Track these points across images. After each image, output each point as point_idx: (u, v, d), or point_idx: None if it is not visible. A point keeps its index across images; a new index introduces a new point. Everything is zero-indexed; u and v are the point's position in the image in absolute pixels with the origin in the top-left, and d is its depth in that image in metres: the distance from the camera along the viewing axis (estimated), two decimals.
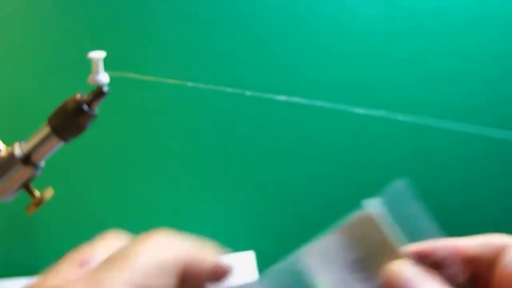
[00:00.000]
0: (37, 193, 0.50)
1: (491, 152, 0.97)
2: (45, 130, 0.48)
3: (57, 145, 0.48)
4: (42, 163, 0.50)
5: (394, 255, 0.26)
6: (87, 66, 0.46)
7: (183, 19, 0.88)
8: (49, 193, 0.51)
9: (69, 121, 0.47)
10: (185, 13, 0.88)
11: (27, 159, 0.49)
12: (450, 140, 0.96)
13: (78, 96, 0.47)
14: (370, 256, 0.26)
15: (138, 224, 0.96)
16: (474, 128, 0.87)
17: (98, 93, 0.47)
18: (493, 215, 1.00)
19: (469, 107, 0.94)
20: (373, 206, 0.27)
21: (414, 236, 0.27)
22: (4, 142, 0.50)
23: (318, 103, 0.47)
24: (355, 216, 0.27)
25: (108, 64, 0.46)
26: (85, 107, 0.46)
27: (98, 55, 0.46)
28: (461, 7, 0.91)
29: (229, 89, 0.49)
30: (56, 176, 0.74)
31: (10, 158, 0.48)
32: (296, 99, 0.48)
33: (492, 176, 0.98)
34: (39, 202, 0.50)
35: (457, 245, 0.27)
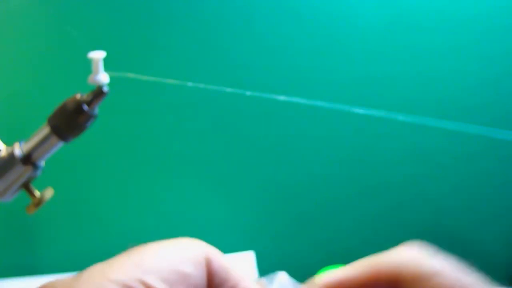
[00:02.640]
0: (37, 193, 0.50)
1: (491, 152, 0.97)
2: (45, 130, 0.48)
3: (57, 145, 0.48)
4: (42, 163, 0.50)
5: None
6: (87, 66, 0.46)
7: (183, 19, 0.88)
8: (49, 193, 0.51)
9: (69, 121, 0.47)
10: (185, 13, 0.88)
11: (27, 159, 0.49)
12: (450, 140, 0.96)
13: (78, 96, 0.47)
14: None
15: (138, 224, 0.96)
16: (474, 128, 0.87)
17: (98, 93, 0.47)
18: (493, 215, 1.00)
19: (469, 107, 0.94)
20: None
21: None
22: (4, 142, 0.50)
23: (318, 103, 0.47)
24: None
25: (108, 64, 0.46)
26: (85, 107, 0.46)
27: (98, 55, 0.46)
28: (462, 6, 0.91)
29: (228, 89, 0.49)
30: (56, 176, 0.74)
31: (10, 158, 0.48)
32: (296, 99, 0.48)
33: (492, 176, 0.98)
34: (39, 202, 0.50)
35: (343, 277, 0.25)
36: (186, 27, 0.89)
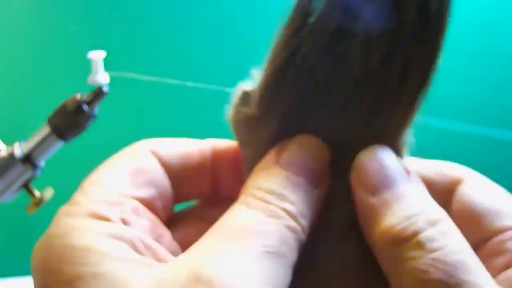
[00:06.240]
0: (37, 193, 0.50)
1: (491, 152, 0.97)
2: (45, 130, 0.48)
3: (57, 145, 0.48)
4: (42, 163, 0.50)
5: None
6: (87, 66, 0.46)
7: (183, 19, 0.88)
8: (49, 193, 0.51)
9: (69, 121, 0.47)
10: (185, 13, 0.88)
11: (27, 159, 0.49)
12: (450, 140, 0.96)
13: (78, 96, 0.47)
14: None
15: None
16: (474, 128, 0.87)
17: (98, 93, 0.47)
18: None
19: (469, 107, 0.94)
20: None
21: None
22: (4, 142, 0.50)
23: None
24: None
25: (108, 64, 0.46)
26: (85, 107, 0.46)
27: (98, 55, 0.46)
28: (462, 6, 0.91)
29: (229, 90, 0.49)
30: (56, 176, 0.74)
31: (10, 158, 0.49)
32: None
33: (492, 176, 0.98)
34: (39, 202, 0.50)
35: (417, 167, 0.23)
36: (186, 27, 0.89)
